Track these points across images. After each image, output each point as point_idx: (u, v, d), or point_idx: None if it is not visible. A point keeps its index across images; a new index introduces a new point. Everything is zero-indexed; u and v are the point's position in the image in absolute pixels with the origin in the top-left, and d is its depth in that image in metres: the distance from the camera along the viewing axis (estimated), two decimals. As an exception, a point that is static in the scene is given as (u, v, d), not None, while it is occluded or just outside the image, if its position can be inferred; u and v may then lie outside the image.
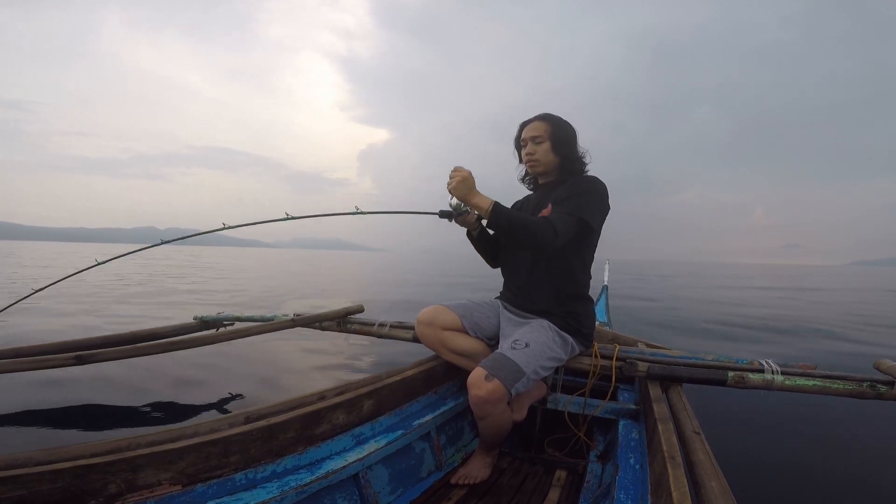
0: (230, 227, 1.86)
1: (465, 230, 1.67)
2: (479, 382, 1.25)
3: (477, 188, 1.39)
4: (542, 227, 1.34)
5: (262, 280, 12.11)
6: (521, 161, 1.64)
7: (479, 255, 1.77)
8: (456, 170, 1.38)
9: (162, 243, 2.01)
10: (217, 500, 0.93)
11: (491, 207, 1.35)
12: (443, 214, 1.49)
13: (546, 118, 1.54)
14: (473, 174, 1.38)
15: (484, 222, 1.51)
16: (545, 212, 1.51)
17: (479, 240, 1.69)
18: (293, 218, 1.74)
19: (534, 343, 1.38)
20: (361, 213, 1.65)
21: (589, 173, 1.58)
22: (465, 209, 1.46)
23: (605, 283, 4.57)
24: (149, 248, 2.12)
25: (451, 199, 1.44)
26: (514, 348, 1.35)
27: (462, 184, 1.37)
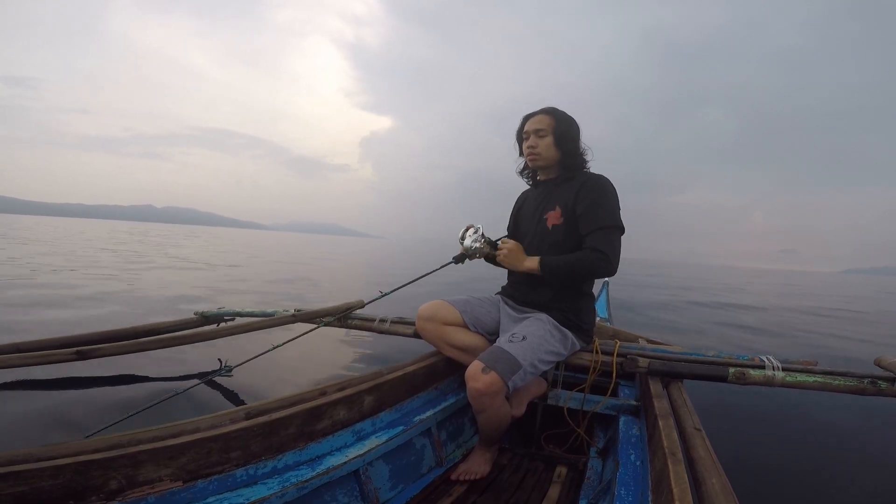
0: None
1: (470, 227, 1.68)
2: (477, 375, 1.26)
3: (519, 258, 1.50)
4: (595, 260, 1.40)
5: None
6: (521, 154, 1.64)
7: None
8: (503, 241, 1.55)
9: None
10: (218, 496, 0.93)
11: (540, 267, 1.46)
12: (457, 260, 1.65)
13: (550, 112, 1.54)
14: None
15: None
16: (553, 214, 1.52)
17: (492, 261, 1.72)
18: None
19: (531, 336, 1.38)
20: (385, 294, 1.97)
21: (590, 169, 1.57)
22: (475, 255, 1.61)
23: (606, 279, 4.55)
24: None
25: (463, 242, 1.61)
26: (511, 341, 1.35)
27: (510, 256, 1.52)
